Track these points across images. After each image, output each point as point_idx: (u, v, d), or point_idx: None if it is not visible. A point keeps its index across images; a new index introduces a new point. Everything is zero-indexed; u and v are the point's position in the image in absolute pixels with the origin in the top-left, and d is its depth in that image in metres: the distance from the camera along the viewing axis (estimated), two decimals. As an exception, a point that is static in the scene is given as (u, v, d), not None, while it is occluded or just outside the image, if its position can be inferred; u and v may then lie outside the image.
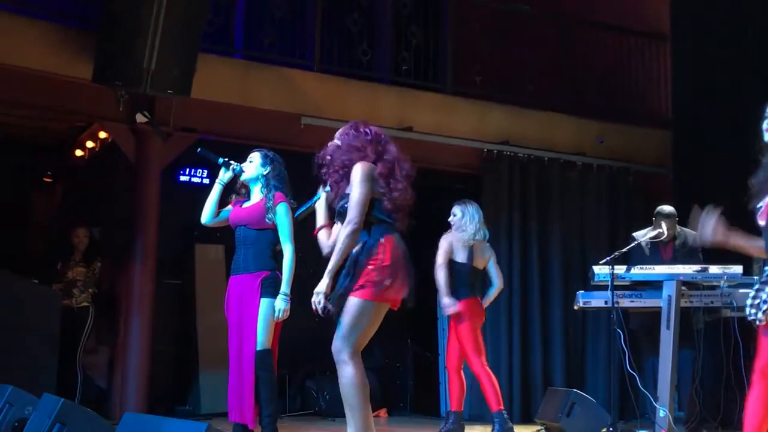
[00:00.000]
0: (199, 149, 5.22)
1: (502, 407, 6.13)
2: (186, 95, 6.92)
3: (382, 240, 3.94)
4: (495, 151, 8.62)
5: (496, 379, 6.21)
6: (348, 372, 3.88)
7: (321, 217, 4.22)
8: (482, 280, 6.54)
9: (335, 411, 8.30)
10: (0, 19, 6.69)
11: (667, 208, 6.91)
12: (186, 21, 6.71)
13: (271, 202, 5.02)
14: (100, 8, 6.74)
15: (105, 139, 7.93)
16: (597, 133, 9.14)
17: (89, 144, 8.31)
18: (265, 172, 5.12)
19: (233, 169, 5.15)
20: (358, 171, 3.98)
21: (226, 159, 5.18)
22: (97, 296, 7.56)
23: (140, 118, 7.25)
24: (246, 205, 5.16)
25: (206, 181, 9.12)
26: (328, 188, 4.89)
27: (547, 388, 7.43)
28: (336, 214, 4.11)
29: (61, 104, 7.22)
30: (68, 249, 7.62)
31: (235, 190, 5.27)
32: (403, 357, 9.73)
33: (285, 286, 4.96)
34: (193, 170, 9.01)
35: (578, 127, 9.14)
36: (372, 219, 3.98)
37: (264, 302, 4.94)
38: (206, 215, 5.19)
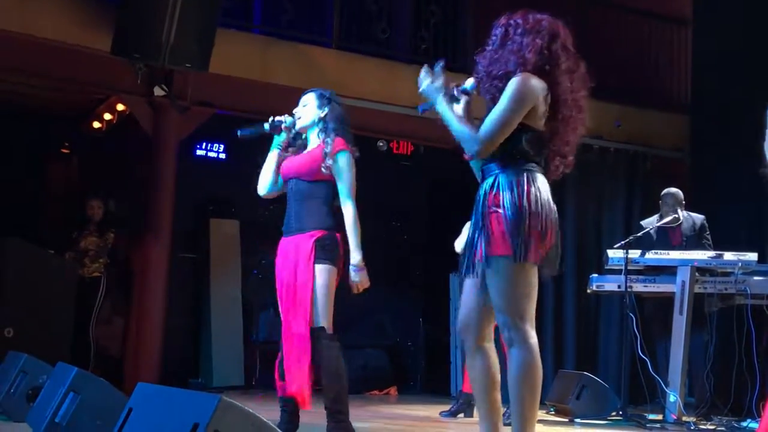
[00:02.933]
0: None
1: None
2: (204, 69, 6.92)
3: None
4: (512, 133, 8.58)
5: None
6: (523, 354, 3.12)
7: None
8: None
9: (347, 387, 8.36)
10: (20, -11, 6.71)
11: (675, 190, 6.89)
12: (205, -5, 6.71)
13: (330, 147, 4.24)
14: (120, -20, 6.75)
15: (122, 111, 7.94)
16: (615, 116, 9.08)
17: (107, 116, 8.33)
18: (322, 114, 4.34)
19: (285, 127, 4.41)
20: (513, 84, 3.18)
21: (274, 121, 4.42)
22: (111, 267, 7.62)
23: (158, 91, 7.26)
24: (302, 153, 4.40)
25: (223, 156, 9.15)
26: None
27: (558, 371, 7.44)
28: None
29: (80, 76, 7.23)
30: (84, 219, 7.68)
31: (292, 145, 4.48)
32: (415, 336, 9.77)
33: (356, 254, 4.17)
34: (209, 144, 9.05)
35: (596, 110, 8.94)
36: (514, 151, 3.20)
37: (318, 269, 4.13)
38: (265, 185, 4.43)
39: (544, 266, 3.17)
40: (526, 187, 3.13)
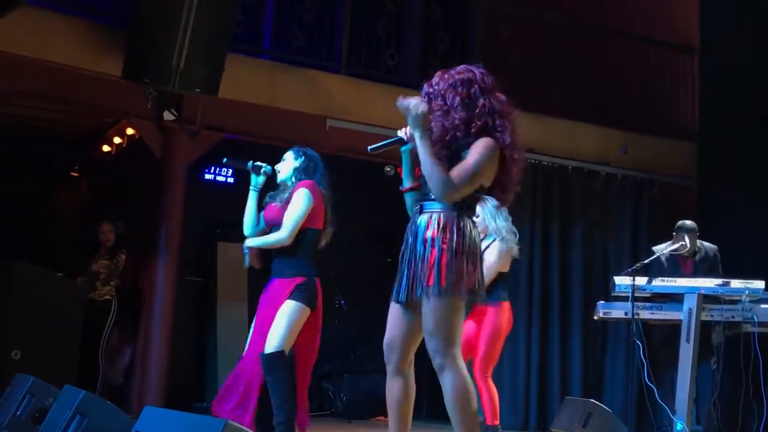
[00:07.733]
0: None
1: (497, 422, 6.02)
2: (213, 94, 6.97)
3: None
4: (519, 159, 8.59)
5: (496, 393, 6.06)
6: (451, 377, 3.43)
7: (408, 177, 3.74)
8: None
9: (352, 413, 8.33)
10: (32, 14, 6.77)
11: (689, 223, 6.88)
12: (216, 21, 6.76)
13: (291, 189, 4.70)
14: (132, 6, 6.81)
15: (132, 135, 8.00)
16: (622, 143, 9.10)
17: (116, 140, 8.39)
18: (297, 164, 4.79)
19: (264, 172, 4.82)
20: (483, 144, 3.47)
21: (255, 162, 4.85)
22: (120, 290, 7.63)
23: (168, 115, 7.31)
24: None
25: (231, 180, 9.18)
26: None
27: (564, 398, 7.41)
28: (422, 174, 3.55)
29: (90, 100, 7.29)
30: (94, 243, 7.71)
31: (278, 195, 4.87)
32: (420, 361, 9.72)
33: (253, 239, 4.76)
34: (218, 169, 9.08)
35: (603, 136, 9.11)
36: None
37: (289, 304, 4.56)
38: (247, 227, 4.83)
39: (470, 297, 3.44)
40: (464, 230, 3.42)
